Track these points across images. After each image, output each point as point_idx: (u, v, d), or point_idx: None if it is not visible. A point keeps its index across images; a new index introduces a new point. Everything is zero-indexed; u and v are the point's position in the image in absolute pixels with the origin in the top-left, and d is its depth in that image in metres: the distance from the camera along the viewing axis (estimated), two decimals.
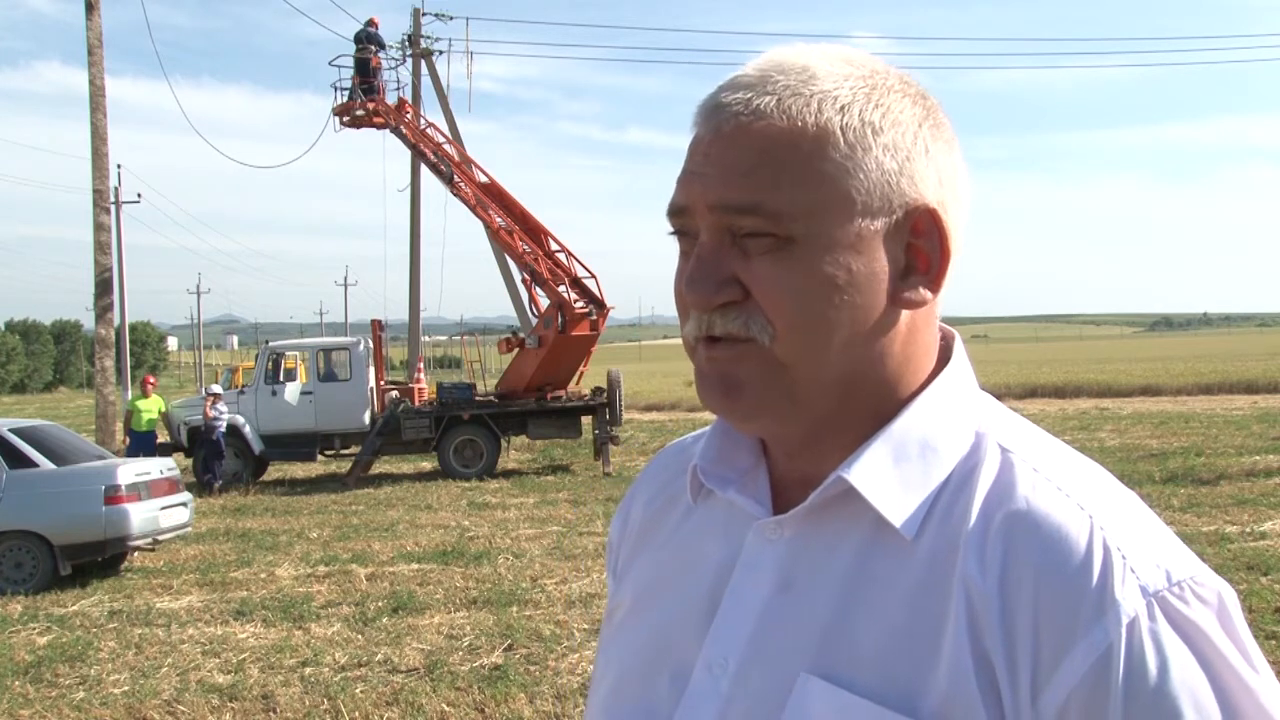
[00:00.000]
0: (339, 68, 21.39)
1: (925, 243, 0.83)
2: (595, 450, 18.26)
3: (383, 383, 19.09)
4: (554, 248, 18.77)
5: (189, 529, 11.46)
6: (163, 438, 18.06)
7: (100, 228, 20.45)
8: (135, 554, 10.80)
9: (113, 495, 9.97)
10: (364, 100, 20.66)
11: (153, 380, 18.38)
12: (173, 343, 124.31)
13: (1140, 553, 0.76)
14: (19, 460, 10.08)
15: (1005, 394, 28.87)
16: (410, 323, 29.55)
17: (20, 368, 79.48)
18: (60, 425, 12.07)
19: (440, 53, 28.11)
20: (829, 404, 0.84)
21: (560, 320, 17.32)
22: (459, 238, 30.12)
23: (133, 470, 10.43)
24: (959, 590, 0.77)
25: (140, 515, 10.14)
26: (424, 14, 28.28)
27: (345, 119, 21.26)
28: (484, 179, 19.80)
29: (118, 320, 25.70)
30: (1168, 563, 0.76)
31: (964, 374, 0.89)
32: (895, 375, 0.85)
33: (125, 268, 34.01)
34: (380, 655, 6.96)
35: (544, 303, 18.10)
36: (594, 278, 18.31)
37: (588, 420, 18.29)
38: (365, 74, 20.93)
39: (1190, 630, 0.74)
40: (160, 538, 10.74)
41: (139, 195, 55.80)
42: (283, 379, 18.68)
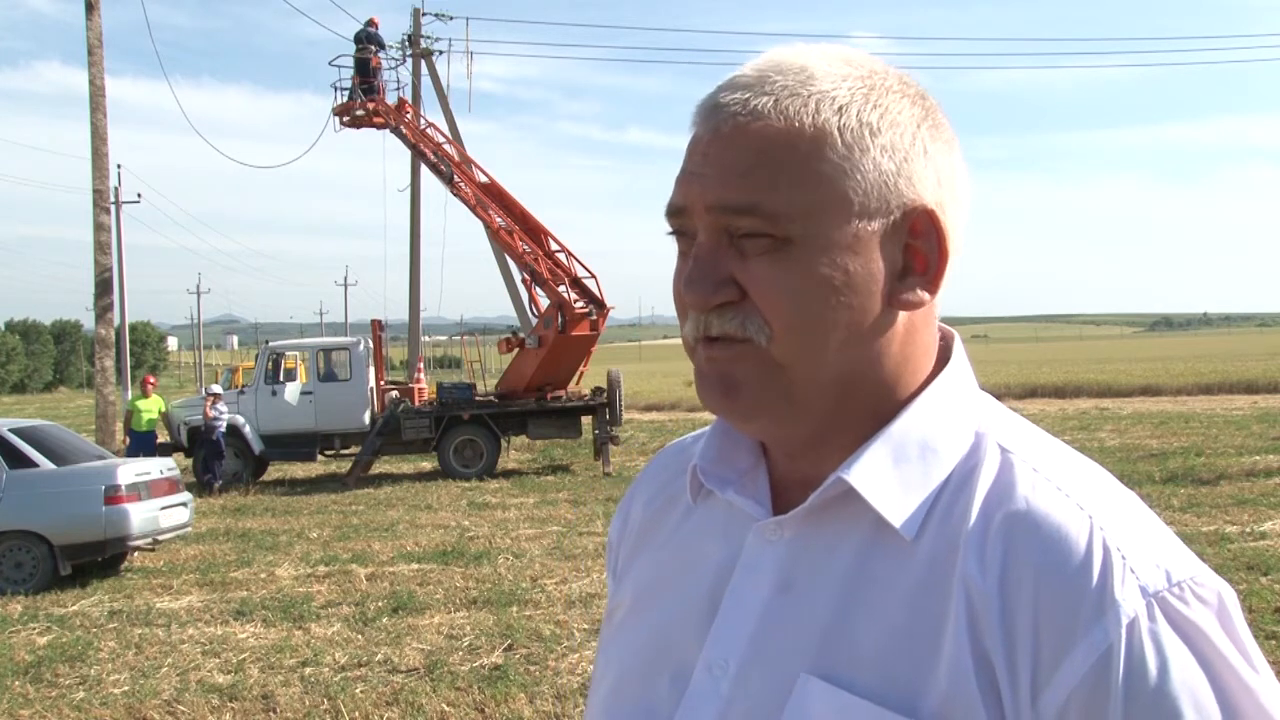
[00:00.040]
0: (339, 68, 21.42)
1: (923, 244, 0.83)
2: (595, 450, 18.27)
3: (383, 383, 19.09)
4: (554, 248, 18.77)
5: (189, 529, 11.46)
6: (163, 438, 18.07)
7: (100, 228, 20.46)
8: (135, 554, 10.80)
9: (113, 495, 9.98)
10: (364, 100, 20.66)
11: (153, 380, 18.38)
12: (173, 343, 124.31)
13: (1140, 553, 0.76)
14: (19, 460, 10.08)
15: (1005, 394, 28.87)
16: (410, 323, 29.55)
17: (20, 368, 79.48)
18: (60, 425, 12.07)
19: (440, 53, 28.15)
20: (827, 405, 0.84)
21: (560, 320, 17.32)
22: (459, 238, 30.15)
23: (133, 470, 10.43)
24: (959, 590, 0.77)
25: (140, 515, 10.14)
26: (424, 14, 28.31)
27: (345, 119, 21.26)
28: (484, 179, 19.80)
29: (118, 320, 25.70)
30: (1167, 563, 0.76)
31: (963, 374, 0.89)
32: (894, 376, 0.85)
33: (125, 268, 34.03)
34: (380, 655, 6.96)
35: (544, 303, 18.10)
36: (594, 278, 18.32)
37: (588, 420, 18.30)
38: (365, 74, 20.93)
39: (1190, 630, 0.74)
40: (160, 538, 10.75)
41: (139, 195, 55.87)
42: (283, 379, 18.69)
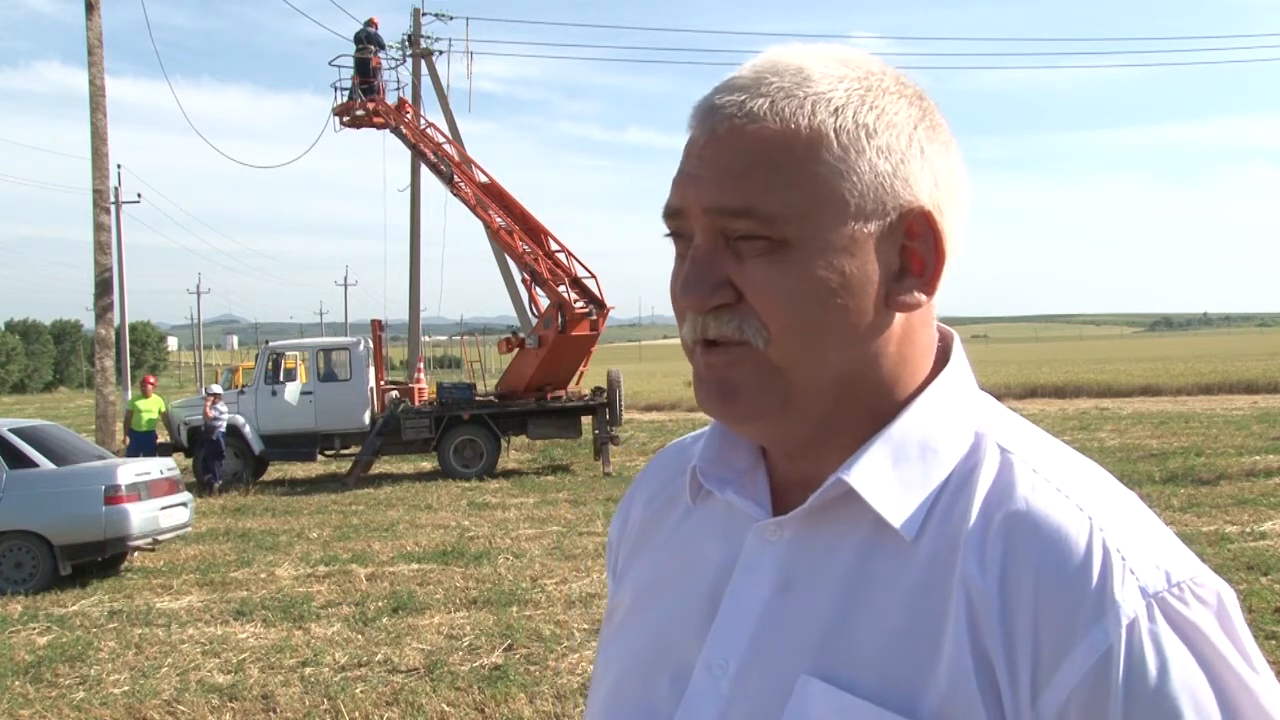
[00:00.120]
0: (339, 68, 21.42)
1: (920, 245, 0.83)
2: (595, 450, 18.27)
3: (383, 383, 19.10)
4: (554, 248, 18.77)
5: (189, 529, 11.46)
6: (163, 438, 18.07)
7: (100, 228, 20.46)
8: (135, 554, 10.80)
9: (113, 495, 9.98)
10: (364, 100, 20.66)
11: (153, 380, 18.39)
12: (173, 343, 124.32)
13: (1140, 553, 0.76)
14: (19, 460, 10.08)
15: (1005, 394, 28.87)
16: (410, 323, 29.56)
17: (20, 368, 79.49)
18: (60, 425, 12.07)
19: (440, 53, 28.16)
20: (825, 406, 0.84)
21: (560, 320, 17.32)
22: (459, 238, 30.16)
23: (133, 470, 10.43)
24: (959, 591, 0.77)
25: (140, 515, 10.14)
26: (424, 14, 28.32)
27: (345, 119, 21.26)
28: (484, 179, 19.80)
29: (118, 320, 25.70)
30: (1167, 563, 0.76)
31: (963, 374, 0.89)
32: (892, 377, 0.85)
33: (125, 268, 34.03)
34: (380, 655, 6.96)
35: (544, 303, 18.10)
36: (594, 278, 18.32)
37: (588, 420, 18.30)
38: (365, 74, 20.93)
39: (1190, 631, 0.74)
40: (160, 538, 10.75)
41: (139, 195, 55.83)
42: (283, 379, 18.69)
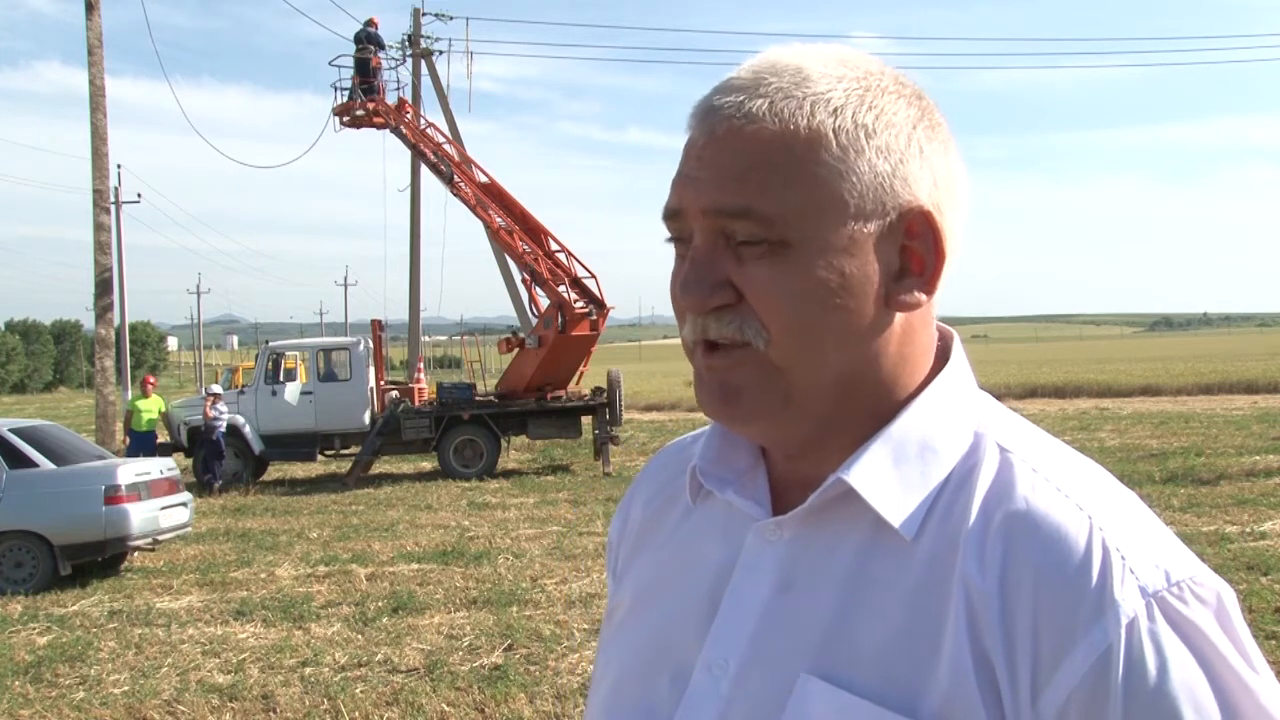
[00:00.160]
0: (339, 68, 21.41)
1: (919, 245, 0.83)
2: (595, 450, 18.26)
3: (383, 383, 19.09)
4: (554, 248, 18.77)
5: (189, 529, 11.46)
6: (163, 438, 18.07)
7: (100, 228, 20.46)
8: (135, 554, 10.80)
9: (113, 495, 9.98)
10: (364, 100, 20.66)
11: (153, 380, 18.38)
12: (173, 343, 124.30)
13: (1139, 553, 0.76)
14: (19, 460, 10.08)
15: (1005, 394, 28.87)
16: (410, 323, 29.56)
17: (20, 368, 79.48)
18: (60, 425, 12.06)
19: (440, 53, 28.15)
20: (826, 406, 0.84)
21: (560, 320, 17.32)
22: (459, 238, 30.16)
23: (133, 470, 10.43)
24: (959, 590, 0.77)
25: (140, 515, 10.14)
26: (424, 14, 28.31)
27: (345, 119, 21.26)
28: (484, 179, 19.80)
29: (118, 320, 25.70)
30: (1167, 563, 0.76)
31: (962, 374, 0.89)
32: (892, 376, 0.85)
33: (125, 268, 34.03)
34: (380, 655, 6.95)
35: (544, 303, 18.10)
36: (594, 278, 18.32)
37: (588, 420, 18.29)
38: (365, 74, 20.93)
39: (1189, 630, 0.74)
40: (160, 538, 10.75)
41: (139, 195, 55.83)
42: (283, 379, 18.69)
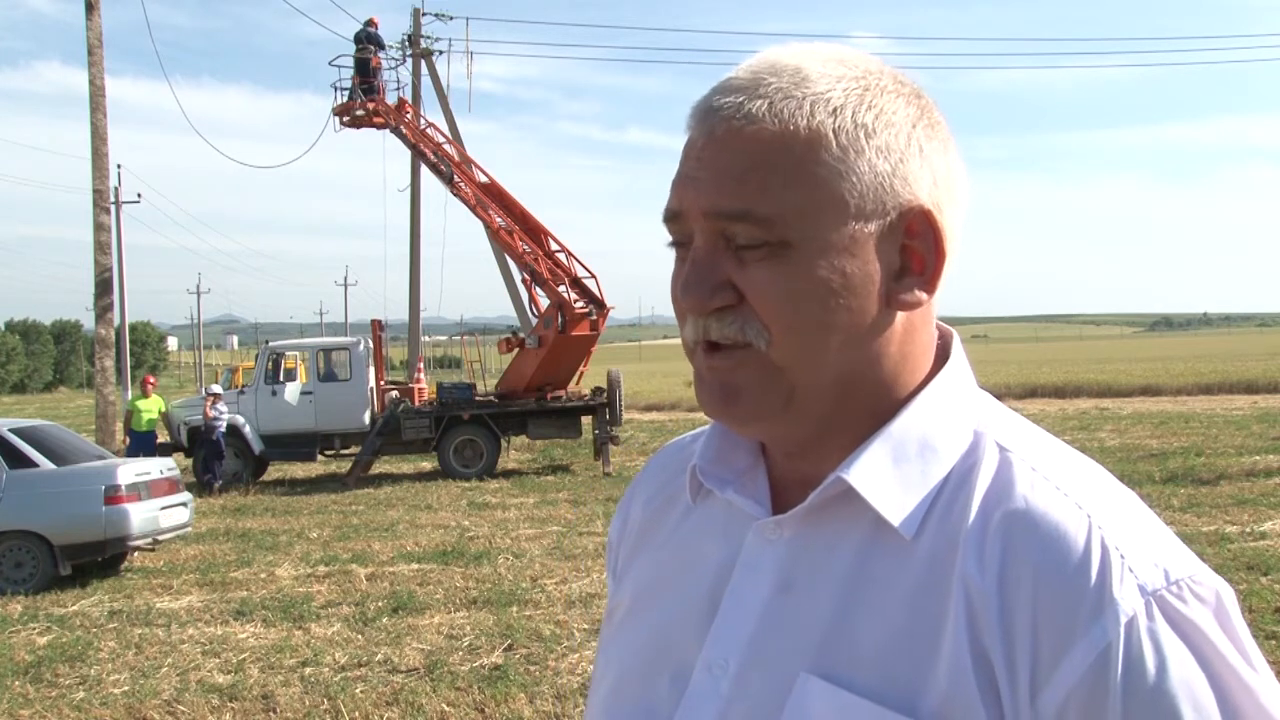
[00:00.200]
0: (339, 68, 21.42)
1: (920, 244, 0.83)
2: (595, 450, 18.26)
3: (383, 383, 19.09)
4: (554, 248, 18.77)
5: (189, 529, 11.46)
6: (163, 438, 18.07)
7: (100, 228, 20.45)
8: (135, 554, 10.80)
9: (113, 495, 9.98)
10: (364, 100, 20.66)
11: (153, 380, 18.38)
12: (173, 343, 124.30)
13: (1138, 552, 0.76)
14: (19, 460, 10.08)
15: (1005, 394, 28.86)
16: (410, 323, 29.56)
17: (20, 368, 79.47)
18: (60, 425, 12.06)
19: (440, 53, 28.15)
20: (827, 406, 0.84)
21: (560, 320, 17.32)
22: (459, 238, 30.17)
23: (133, 470, 10.43)
24: (958, 589, 0.77)
25: (140, 515, 10.14)
26: (424, 14, 28.32)
27: (345, 119, 21.26)
28: (484, 179, 19.80)
29: (118, 320, 25.70)
30: (1166, 562, 0.76)
31: (962, 373, 0.89)
32: (892, 376, 0.85)
33: (125, 268, 34.02)
34: (380, 655, 6.95)
35: (544, 303, 18.10)
36: (594, 278, 18.32)
37: (588, 420, 18.29)
38: (365, 74, 20.93)
39: (1188, 629, 0.74)
40: (160, 538, 10.74)
41: (139, 195, 55.80)
42: (283, 379, 18.68)
